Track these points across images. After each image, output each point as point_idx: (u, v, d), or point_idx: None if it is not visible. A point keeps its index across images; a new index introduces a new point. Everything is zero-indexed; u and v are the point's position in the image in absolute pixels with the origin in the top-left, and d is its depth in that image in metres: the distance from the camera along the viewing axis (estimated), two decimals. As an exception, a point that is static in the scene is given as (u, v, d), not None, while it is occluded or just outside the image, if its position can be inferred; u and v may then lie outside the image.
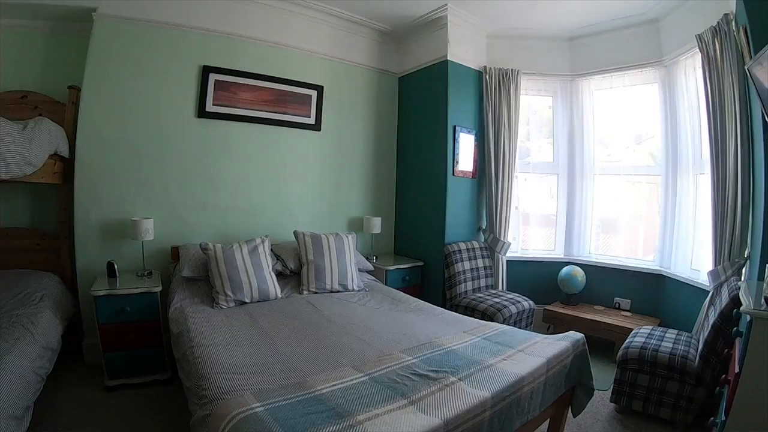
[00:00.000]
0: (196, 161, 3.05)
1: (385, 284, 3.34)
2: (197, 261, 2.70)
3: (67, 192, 2.71)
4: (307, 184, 3.57)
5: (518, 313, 3.14)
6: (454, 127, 3.49)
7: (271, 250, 2.98)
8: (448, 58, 3.41)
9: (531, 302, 3.32)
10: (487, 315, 3.01)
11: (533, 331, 2.80)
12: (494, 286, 3.72)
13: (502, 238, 3.68)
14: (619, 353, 2.38)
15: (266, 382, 1.48)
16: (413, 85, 3.85)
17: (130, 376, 2.47)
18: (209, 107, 3.05)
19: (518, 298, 3.29)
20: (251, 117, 3.21)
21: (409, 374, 1.53)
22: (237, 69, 3.11)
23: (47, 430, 2.01)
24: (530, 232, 4.09)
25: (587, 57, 3.65)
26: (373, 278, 3.33)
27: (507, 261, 3.78)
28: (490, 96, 3.59)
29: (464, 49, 3.52)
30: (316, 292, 2.85)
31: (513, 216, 3.79)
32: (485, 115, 3.62)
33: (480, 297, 3.32)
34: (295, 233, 3.01)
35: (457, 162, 3.54)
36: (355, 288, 2.96)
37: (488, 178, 3.65)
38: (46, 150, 2.21)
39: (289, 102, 3.37)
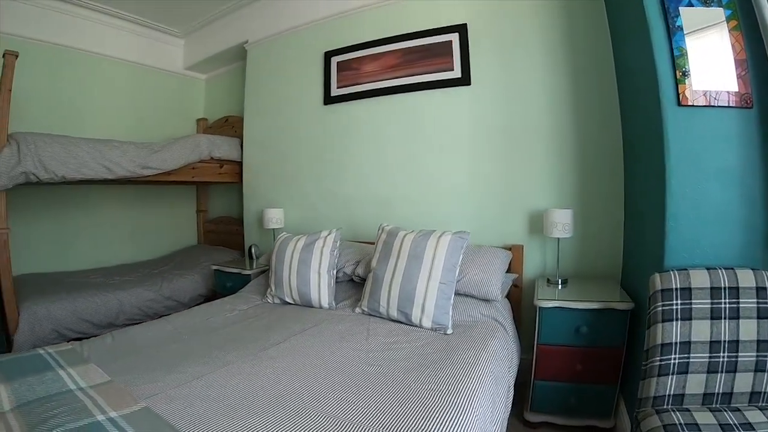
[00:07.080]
0: (324, 150, 2.97)
1: (538, 336, 1.83)
2: (275, 250, 2.63)
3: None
4: (461, 162, 2.50)
5: None
6: (662, 1, 1.45)
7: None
8: None
9: None
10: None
11: None
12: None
13: None
14: None
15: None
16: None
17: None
18: (334, 92, 2.91)
19: None
20: (376, 90, 2.73)
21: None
22: (356, 43, 2.80)
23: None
24: None
25: None
26: (494, 316, 1.93)
27: None
28: None
29: None
30: (370, 315, 2.01)
31: None
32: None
33: (707, 418, 1.16)
34: (379, 228, 2.21)
35: (687, 74, 1.42)
36: (426, 325, 1.82)
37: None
38: (183, 156, 2.86)
39: (419, 59, 2.60)
